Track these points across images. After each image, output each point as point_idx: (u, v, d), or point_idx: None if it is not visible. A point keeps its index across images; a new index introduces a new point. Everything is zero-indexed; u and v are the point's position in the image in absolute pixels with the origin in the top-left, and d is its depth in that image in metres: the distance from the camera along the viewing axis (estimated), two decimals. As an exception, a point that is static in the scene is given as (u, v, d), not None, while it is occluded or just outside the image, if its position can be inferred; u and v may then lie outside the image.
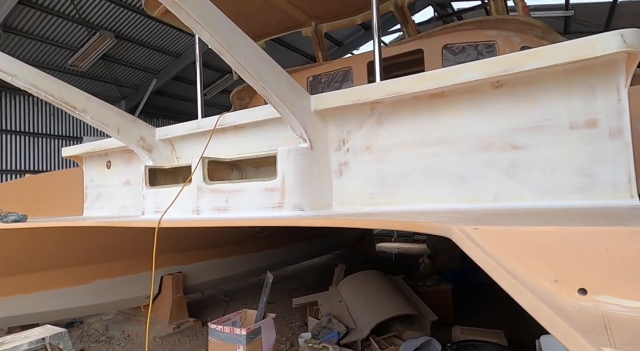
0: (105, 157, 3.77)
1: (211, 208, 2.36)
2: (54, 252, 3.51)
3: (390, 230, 8.67)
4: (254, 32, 5.40)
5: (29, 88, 2.36)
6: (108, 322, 5.39)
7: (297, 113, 2.10)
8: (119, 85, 10.23)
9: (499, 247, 0.91)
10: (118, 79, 9.98)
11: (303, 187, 2.15)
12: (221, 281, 6.09)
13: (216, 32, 1.63)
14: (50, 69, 8.75)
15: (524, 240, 0.90)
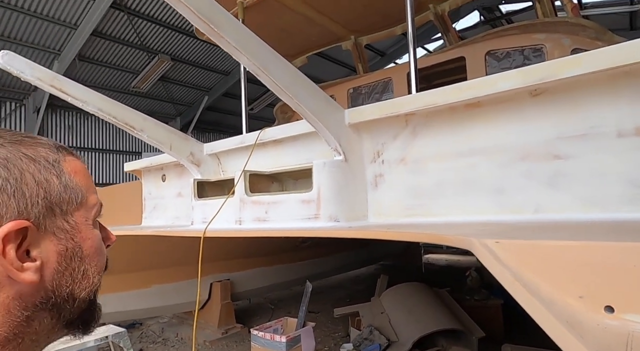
0: (161, 171, 4.08)
1: (252, 219, 2.49)
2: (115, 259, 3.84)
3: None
4: (296, 48, 5.61)
5: (97, 112, 2.66)
6: (164, 325, 5.75)
7: (331, 127, 2.17)
8: (175, 103, 11.00)
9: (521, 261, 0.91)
10: (174, 98, 10.74)
11: (338, 198, 2.20)
12: (266, 290, 6.27)
13: (253, 56, 1.75)
14: (117, 91, 9.64)
15: (548, 254, 0.89)
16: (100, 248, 0.53)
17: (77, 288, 0.48)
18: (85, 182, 0.52)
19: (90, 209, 0.52)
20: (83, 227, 0.50)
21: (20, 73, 2.36)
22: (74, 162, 0.52)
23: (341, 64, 9.91)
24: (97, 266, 0.51)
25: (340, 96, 5.48)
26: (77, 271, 0.48)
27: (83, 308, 0.50)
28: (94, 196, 0.53)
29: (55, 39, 7.37)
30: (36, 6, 6.50)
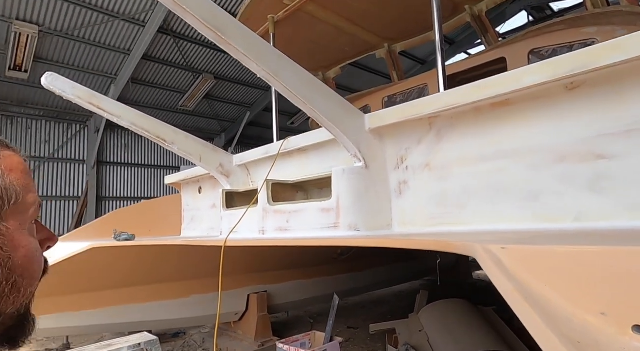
0: (197, 183, 4.22)
1: (275, 228, 2.46)
2: (156, 268, 3.99)
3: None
4: (329, 59, 5.63)
5: (130, 126, 2.81)
6: (205, 335, 5.85)
7: (350, 133, 2.11)
8: (219, 119, 11.51)
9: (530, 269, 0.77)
10: (219, 114, 11.24)
11: (358, 206, 2.11)
12: (304, 303, 6.18)
13: (262, 62, 1.75)
14: (166, 110, 10.29)
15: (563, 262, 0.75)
16: (34, 257, 0.46)
17: (2, 303, 0.43)
18: (22, 180, 0.46)
19: (25, 210, 0.45)
20: (16, 234, 0.44)
21: (62, 92, 2.55)
22: (10, 158, 0.46)
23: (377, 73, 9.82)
24: (30, 278, 0.45)
25: (375, 105, 5.39)
26: (4, 283, 0.42)
27: (9, 324, 0.44)
28: (32, 195, 0.47)
29: (111, 64, 8.05)
30: (94, 35, 7.17)
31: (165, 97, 9.72)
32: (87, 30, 6.95)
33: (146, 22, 6.92)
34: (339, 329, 5.80)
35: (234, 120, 11.51)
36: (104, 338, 5.44)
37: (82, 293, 3.89)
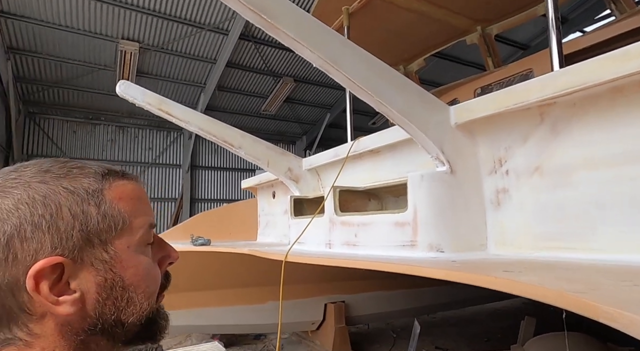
0: (271, 188, 4.11)
1: (341, 242, 2.15)
2: (231, 273, 3.98)
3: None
4: (411, 51, 5.13)
5: (198, 131, 2.75)
6: (284, 341, 5.80)
7: (431, 130, 1.69)
8: (300, 122, 11.61)
9: None
10: (299, 117, 11.34)
11: (441, 221, 1.69)
12: (385, 316, 5.75)
13: (317, 48, 1.44)
14: (250, 115, 10.70)
15: None
16: (148, 274, 0.52)
17: (122, 315, 0.49)
18: (130, 207, 0.51)
19: (134, 234, 0.50)
20: (124, 256, 0.49)
21: (134, 99, 2.58)
22: (122, 187, 0.52)
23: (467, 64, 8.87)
24: (145, 293, 0.51)
25: (465, 98, 4.74)
26: (120, 299, 0.49)
27: (136, 330, 0.51)
28: (142, 219, 0.52)
29: (200, 74, 8.59)
30: (184, 47, 7.70)
31: (248, 102, 10.10)
32: (178, 43, 7.48)
33: (229, 30, 7.20)
34: (425, 349, 5.26)
35: (314, 123, 11.52)
36: (190, 337, 5.71)
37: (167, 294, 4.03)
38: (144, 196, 0.55)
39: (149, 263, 0.52)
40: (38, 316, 0.44)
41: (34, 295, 0.43)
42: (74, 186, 0.48)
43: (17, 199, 0.44)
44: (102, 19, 6.71)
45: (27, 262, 0.43)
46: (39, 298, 0.44)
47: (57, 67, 7.85)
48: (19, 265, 0.42)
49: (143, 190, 0.56)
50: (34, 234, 0.43)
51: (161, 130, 10.64)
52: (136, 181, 0.56)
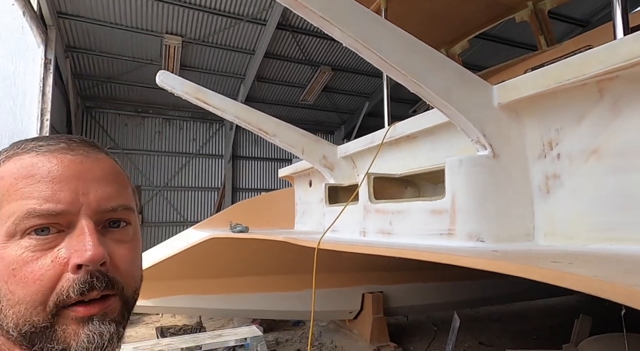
0: (308, 177, 4.10)
1: (376, 230, 2.09)
2: (269, 260, 4.04)
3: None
4: (453, 32, 4.86)
5: (234, 119, 2.78)
6: (322, 329, 5.85)
7: (471, 111, 1.57)
8: (338, 112, 11.49)
9: None
10: (337, 106, 11.22)
11: (482, 209, 1.57)
12: (424, 309, 5.61)
13: (347, 26, 1.37)
14: (288, 105, 10.74)
15: None
16: (11, 277, 0.40)
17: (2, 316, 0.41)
18: (8, 189, 0.42)
19: (3, 221, 0.41)
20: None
21: (173, 89, 2.65)
22: (13, 163, 0.44)
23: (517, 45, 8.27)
24: (8, 299, 0.40)
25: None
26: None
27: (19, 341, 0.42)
28: (16, 204, 0.41)
29: (239, 65, 8.72)
30: (224, 39, 7.84)
31: (286, 92, 10.14)
32: (218, 36, 7.63)
33: (266, 20, 7.23)
34: (467, 344, 5.08)
35: (352, 112, 11.37)
36: (232, 321, 5.92)
37: (208, 279, 4.17)
38: (43, 173, 0.43)
39: (20, 261, 0.41)
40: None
41: None
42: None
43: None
44: (147, 15, 6.99)
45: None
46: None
47: (109, 63, 8.33)
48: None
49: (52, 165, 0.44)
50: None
51: (204, 122, 11.01)
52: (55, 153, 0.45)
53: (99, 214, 0.45)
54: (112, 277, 0.44)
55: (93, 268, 0.42)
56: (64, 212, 0.43)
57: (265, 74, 9.10)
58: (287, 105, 10.63)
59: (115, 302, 0.45)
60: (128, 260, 0.47)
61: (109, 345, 0.43)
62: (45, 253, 0.42)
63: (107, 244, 0.44)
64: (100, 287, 0.42)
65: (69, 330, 0.42)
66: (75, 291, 0.41)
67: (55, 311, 0.41)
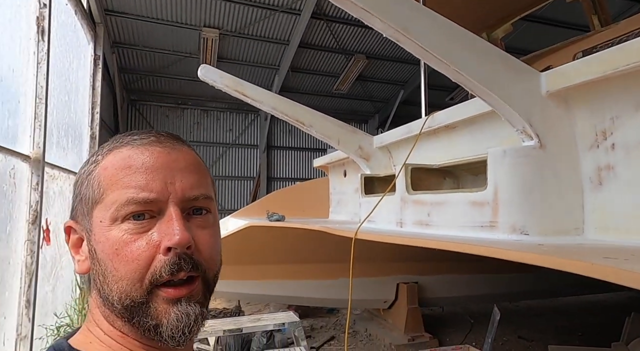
0: (343, 167, 4.11)
1: (413, 221, 2.07)
2: (304, 248, 4.12)
3: None
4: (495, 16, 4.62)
5: (271, 111, 2.83)
6: (356, 317, 5.91)
7: (516, 100, 1.52)
8: (372, 100, 11.33)
9: None
10: (372, 95, 11.07)
11: (526, 201, 1.53)
12: (461, 300, 5.52)
13: (388, 16, 1.36)
14: (322, 95, 10.73)
15: None
16: (116, 254, 0.46)
17: (105, 290, 0.47)
18: (110, 178, 0.48)
19: (107, 208, 0.47)
20: (96, 229, 0.48)
21: (213, 82, 2.73)
22: (114, 156, 0.49)
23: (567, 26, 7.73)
24: (113, 274, 0.46)
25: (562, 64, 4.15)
26: (97, 273, 0.48)
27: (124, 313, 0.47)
28: (119, 192, 0.47)
29: (274, 56, 8.79)
30: (260, 31, 7.91)
31: (320, 82, 10.12)
32: (253, 27, 7.71)
33: (301, 9, 7.21)
34: (506, 338, 4.97)
35: (387, 100, 11.16)
36: (268, 306, 6.10)
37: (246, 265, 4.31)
38: (138, 165, 0.48)
39: (121, 242, 0.46)
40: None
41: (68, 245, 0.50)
42: (89, 159, 0.52)
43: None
44: (186, 9, 7.19)
45: None
46: (71, 252, 0.50)
47: (151, 57, 8.67)
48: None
49: (145, 157, 0.48)
50: (72, 200, 0.52)
51: (240, 113, 11.25)
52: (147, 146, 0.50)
53: (184, 202, 0.49)
54: (197, 260, 0.48)
55: (180, 251, 0.46)
56: (156, 200, 0.47)
57: (300, 64, 9.12)
58: (321, 94, 10.62)
59: (199, 284, 0.49)
60: (209, 245, 0.51)
61: (194, 324, 0.47)
62: (141, 236, 0.47)
63: (191, 229, 0.48)
64: (187, 268, 0.47)
65: (160, 308, 0.47)
66: (166, 271, 0.46)
67: (149, 289, 0.46)
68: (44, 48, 3.38)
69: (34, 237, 3.15)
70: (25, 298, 3.11)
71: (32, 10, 3.32)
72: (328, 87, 10.31)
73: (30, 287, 3.13)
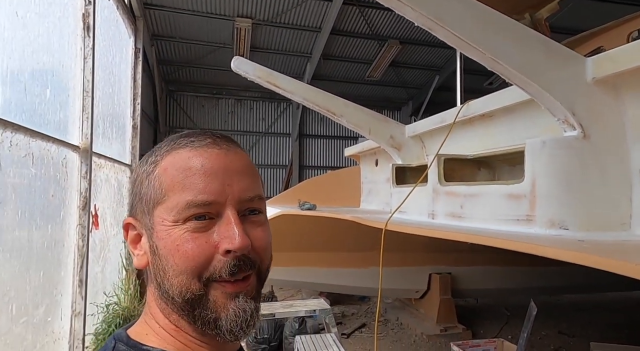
0: (374, 156, 4.08)
1: (445, 213, 2.04)
2: (335, 237, 4.15)
3: None
4: (539, -5, 4.34)
5: (303, 101, 2.84)
6: (387, 306, 5.93)
7: (558, 88, 1.44)
8: (406, 87, 11.04)
9: None
10: (405, 82, 10.78)
11: (567, 194, 1.46)
12: (497, 293, 5.38)
13: (421, 5, 1.32)
14: (354, 82, 10.59)
15: None
16: (177, 250, 0.49)
17: (165, 285, 0.50)
18: (171, 180, 0.50)
19: (169, 209, 0.49)
20: (158, 227, 0.50)
21: (246, 73, 2.77)
22: (173, 157, 0.51)
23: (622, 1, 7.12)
24: (174, 269, 0.49)
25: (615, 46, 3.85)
26: (158, 268, 0.50)
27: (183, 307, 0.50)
28: (180, 195, 0.49)
29: (306, 44, 8.74)
30: (292, 19, 7.88)
31: (353, 69, 9.97)
32: (285, 15, 7.69)
33: (333, -5, 7.11)
34: (545, 332, 4.82)
35: (421, 87, 10.84)
36: (300, 292, 6.24)
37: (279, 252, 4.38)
38: (197, 167, 0.49)
39: (182, 240, 0.48)
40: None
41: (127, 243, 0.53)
42: (149, 158, 0.53)
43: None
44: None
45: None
46: (129, 248, 0.53)
47: (187, 48, 8.90)
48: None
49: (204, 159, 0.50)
50: (130, 198, 0.55)
51: (272, 101, 11.35)
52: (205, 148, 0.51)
53: (241, 204, 0.51)
54: (253, 259, 0.51)
55: (240, 254, 0.49)
56: (214, 202, 0.49)
57: (332, 51, 9.02)
58: (353, 82, 10.48)
59: (254, 280, 0.52)
60: (264, 243, 0.53)
61: (251, 319, 0.50)
62: (201, 235, 0.49)
63: (246, 229, 0.50)
64: (246, 270, 0.50)
65: (219, 302, 0.49)
66: (226, 273, 0.49)
67: (207, 283, 0.49)
68: (90, 43, 3.55)
69: (84, 221, 3.39)
70: (78, 278, 3.37)
71: (78, 7, 3.49)
72: (360, 74, 10.15)
73: (82, 268, 3.39)
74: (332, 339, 2.80)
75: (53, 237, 3.13)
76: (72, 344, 3.27)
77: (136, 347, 0.49)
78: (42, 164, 2.84)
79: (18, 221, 2.62)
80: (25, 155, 2.62)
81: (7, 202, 2.48)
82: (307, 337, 2.89)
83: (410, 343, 4.70)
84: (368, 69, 9.74)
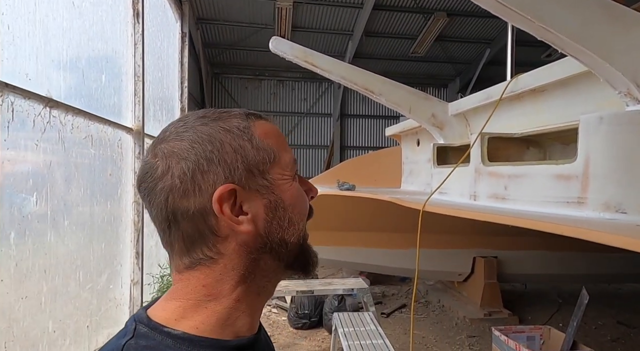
0: (416, 136, 3.96)
1: (488, 195, 1.95)
2: (375, 217, 4.13)
3: None
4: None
5: (340, 80, 2.80)
6: (429, 287, 5.87)
7: (619, 57, 1.30)
8: (453, 62, 10.47)
9: None
10: (452, 57, 10.21)
11: (626, 175, 1.34)
12: (546, 278, 5.13)
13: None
14: (398, 59, 10.22)
15: None
16: (300, 198, 0.57)
17: (286, 235, 0.55)
18: (276, 142, 0.56)
19: (284, 166, 0.56)
20: (280, 182, 0.55)
21: (284, 54, 2.77)
22: (264, 125, 0.57)
23: None
24: (299, 214, 0.56)
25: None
26: (282, 219, 0.54)
27: (296, 252, 0.56)
28: (287, 153, 0.57)
29: (347, 21, 8.52)
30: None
31: (396, 45, 9.59)
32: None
33: (376, -31, 6.82)
34: (602, 321, 4.55)
35: (469, 62, 10.21)
36: (341, 271, 6.33)
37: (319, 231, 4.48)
38: (282, 135, 0.59)
39: (299, 189, 0.58)
40: (223, 237, 0.53)
41: (220, 216, 0.51)
42: (228, 125, 0.55)
43: (191, 140, 0.53)
44: (261, -21, 7.27)
45: (209, 190, 0.51)
46: (224, 219, 0.52)
47: (230, 30, 9.03)
48: (203, 194, 0.51)
49: (280, 130, 0.60)
50: (210, 167, 0.52)
51: (314, 82, 11.30)
52: (271, 121, 0.60)
53: None
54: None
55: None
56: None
57: (374, 28, 8.73)
58: (396, 59, 10.12)
59: None
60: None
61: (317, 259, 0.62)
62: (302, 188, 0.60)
63: None
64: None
65: (309, 246, 0.60)
66: (312, 214, 0.60)
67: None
68: (139, 29, 3.72)
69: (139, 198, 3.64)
70: (135, 251, 3.66)
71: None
72: (404, 51, 9.77)
73: (138, 241, 3.67)
74: (370, 317, 2.83)
75: (112, 212, 3.40)
76: (131, 309, 3.59)
77: (157, 329, 0.51)
78: (100, 145, 3.07)
79: (81, 197, 2.88)
80: (85, 136, 2.84)
81: (71, 180, 2.72)
82: (345, 314, 2.94)
83: (451, 325, 4.64)
84: (412, 45, 9.34)
